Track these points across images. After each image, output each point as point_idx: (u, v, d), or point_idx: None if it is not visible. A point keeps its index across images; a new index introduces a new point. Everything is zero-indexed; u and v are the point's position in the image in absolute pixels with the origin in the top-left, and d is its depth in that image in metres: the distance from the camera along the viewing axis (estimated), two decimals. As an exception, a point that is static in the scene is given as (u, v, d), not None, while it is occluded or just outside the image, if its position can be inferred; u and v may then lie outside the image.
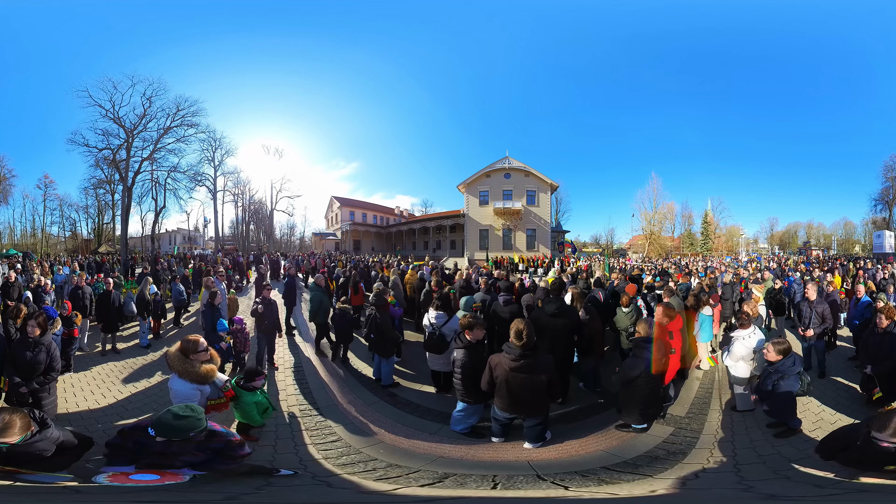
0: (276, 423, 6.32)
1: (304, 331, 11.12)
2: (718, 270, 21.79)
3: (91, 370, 8.46)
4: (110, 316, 9.46)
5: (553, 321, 6.48)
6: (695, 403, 6.69)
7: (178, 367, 4.77)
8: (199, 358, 4.88)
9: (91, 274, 20.02)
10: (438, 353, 7.06)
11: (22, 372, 5.52)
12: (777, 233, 55.03)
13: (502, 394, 5.21)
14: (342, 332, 8.87)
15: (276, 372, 8.46)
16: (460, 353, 5.77)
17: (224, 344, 7.64)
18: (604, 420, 6.17)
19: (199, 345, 4.91)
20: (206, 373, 4.87)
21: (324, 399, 7.31)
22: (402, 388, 7.87)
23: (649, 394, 5.55)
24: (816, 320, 7.51)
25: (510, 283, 10.46)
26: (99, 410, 6.72)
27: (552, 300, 6.79)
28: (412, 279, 12.18)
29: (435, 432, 6.13)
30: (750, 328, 6.39)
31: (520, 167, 39.84)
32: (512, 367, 5.02)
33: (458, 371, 5.73)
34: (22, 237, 41.45)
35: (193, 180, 38.99)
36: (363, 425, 6.38)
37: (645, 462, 4.98)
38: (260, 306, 8.62)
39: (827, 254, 42.51)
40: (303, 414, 6.75)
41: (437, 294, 7.58)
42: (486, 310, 8.38)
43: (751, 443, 5.40)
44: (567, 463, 5.01)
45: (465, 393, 5.78)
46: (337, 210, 49.06)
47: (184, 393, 4.67)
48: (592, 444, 5.53)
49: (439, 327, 7.14)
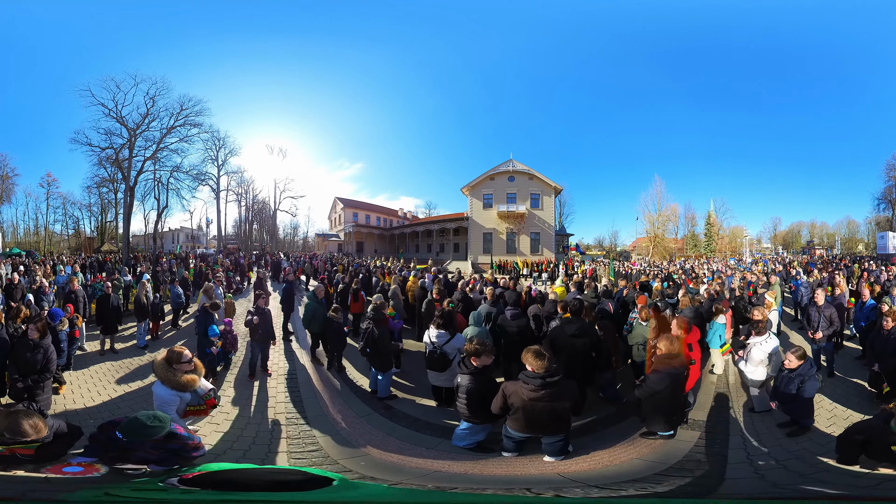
0: (257, 430, 6.37)
1: (301, 336, 10.93)
2: (725, 274, 21.60)
3: (89, 369, 8.69)
4: (109, 318, 9.67)
5: (572, 341, 6.42)
6: (714, 407, 6.88)
7: (161, 375, 5.18)
8: (182, 368, 5.24)
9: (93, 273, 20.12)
10: (440, 371, 6.88)
11: (20, 369, 6.13)
12: (780, 232, 54.50)
13: (518, 418, 5.04)
14: (334, 339, 8.70)
15: (269, 378, 8.35)
16: (465, 378, 5.53)
17: (215, 349, 7.93)
18: (624, 429, 6.13)
19: (182, 356, 5.28)
20: (187, 382, 5.21)
21: (313, 409, 7.16)
22: (400, 401, 7.65)
23: (672, 401, 5.64)
24: (825, 324, 7.86)
25: (517, 294, 10.28)
26: (93, 408, 6.99)
27: (572, 321, 6.64)
28: (413, 287, 11.98)
29: (434, 447, 5.92)
30: (765, 334, 6.65)
31: (524, 170, 39.59)
32: (532, 396, 4.86)
33: (464, 396, 5.51)
34: (25, 235, 41.44)
35: (196, 180, 39.01)
36: (350, 436, 6.21)
37: (694, 465, 5.12)
38: (255, 318, 8.45)
39: (830, 253, 42.36)
40: (288, 422, 6.66)
41: (439, 312, 7.26)
42: (492, 322, 8.23)
43: (776, 441, 5.71)
44: (607, 473, 5.00)
45: (471, 416, 5.58)
46: (340, 211, 48.93)
47: (164, 398, 5.07)
48: (623, 453, 5.50)
49: (440, 346, 6.90)
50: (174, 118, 34.18)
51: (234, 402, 7.45)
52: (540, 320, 8.66)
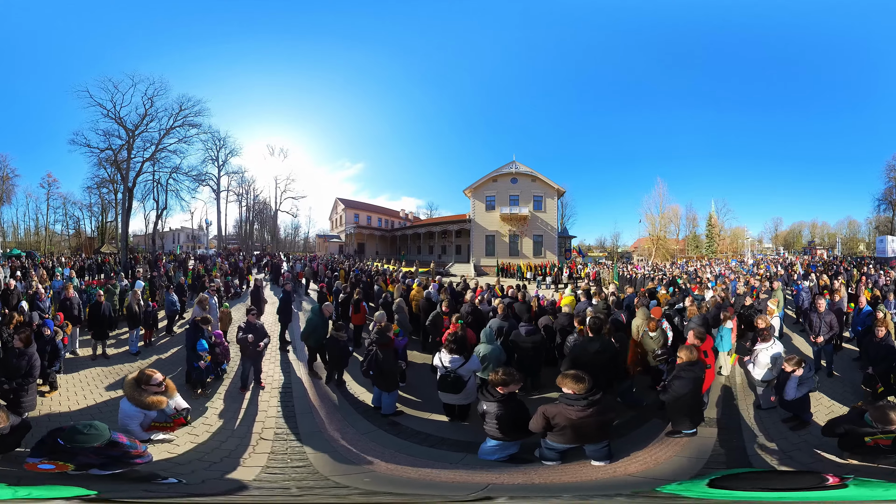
0: (238, 444, 6.22)
1: (298, 347, 10.56)
2: (728, 279, 21.39)
3: (80, 373, 8.86)
4: (100, 325, 9.81)
5: (595, 357, 6.64)
6: (724, 406, 7.42)
7: (127, 392, 5.58)
8: (151, 390, 5.60)
9: (91, 276, 20.03)
10: (454, 393, 6.74)
11: (5, 373, 6.59)
12: (781, 233, 54.13)
13: (565, 434, 5.26)
14: (337, 358, 8.39)
15: (262, 392, 8.10)
16: (493, 406, 5.46)
17: (203, 363, 7.85)
18: (649, 431, 6.46)
19: (152, 379, 5.67)
20: (152, 403, 5.56)
21: (308, 425, 6.92)
22: (408, 418, 7.35)
23: (694, 403, 6.18)
24: (825, 328, 8.57)
25: (528, 306, 10.18)
26: (77, 411, 7.10)
27: (594, 339, 6.84)
28: (418, 296, 11.67)
29: (458, 461, 5.76)
30: (770, 340, 7.30)
31: (527, 172, 39.28)
32: (581, 415, 5.13)
33: (494, 422, 5.46)
34: (25, 236, 41.34)
35: (196, 181, 38.75)
36: (350, 454, 5.98)
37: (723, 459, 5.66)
38: (250, 336, 8.21)
39: (832, 254, 42.15)
40: (276, 437, 6.46)
41: (452, 337, 6.99)
42: (503, 336, 8.10)
43: (781, 433, 6.39)
44: (669, 471, 5.37)
45: (504, 436, 5.55)
46: (341, 212, 48.68)
47: (127, 412, 5.51)
48: (662, 452, 5.86)
49: (455, 370, 6.71)
50: (173, 119, 33.87)
51: (221, 414, 7.24)
52: (552, 332, 8.58)
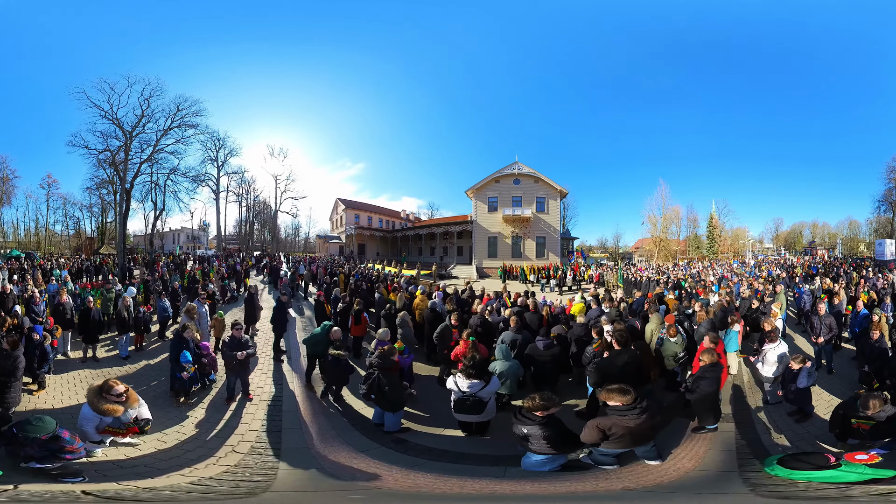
0: (202, 454, 6.14)
1: (294, 357, 10.19)
2: (731, 282, 21.21)
3: (68, 374, 8.99)
4: (90, 330, 10.02)
5: (623, 369, 6.80)
6: (734, 402, 7.94)
7: (89, 398, 6.05)
8: (110, 399, 6.03)
9: (89, 278, 19.91)
10: (475, 414, 6.61)
11: None
12: (782, 233, 54.07)
13: (623, 440, 5.43)
14: (337, 377, 8.04)
15: (249, 404, 7.82)
16: (535, 428, 5.38)
17: (186, 374, 7.83)
18: (675, 429, 6.73)
19: (113, 389, 6.10)
20: (108, 410, 5.96)
21: (294, 440, 6.64)
22: (416, 434, 6.99)
23: (714, 400, 6.76)
24: (825, 330, 9.28)
25: (539, 316, 10.01)
26: (60, 410, 7.34)
27: (622, 353, 7.05)
28: (422, 305, 11.36)
29: (501, 475, 5.55)
30: (777, 341, 7.97)
31: (529, 173, 38.97)
32: (638, 423, 5.33)
33: (543, 442, 5.42)
34: (26, 236, 41.28)
35: (195, 181, 38.51)
36: (340, 471, 5.76)
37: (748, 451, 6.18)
38: (241, 353, 7.93)
39: (832, 254, 42.08)
40: (251, 452, 6.25)
41: (469, 361, 6.74)
42: (518, 349, 8.00)
43: (788, 425, 7.01)
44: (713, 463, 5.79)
45: (555, 452, 5.52)
46: (342, 212, 48.42)
47: (85, 414, 5.97)
48: (699, 447, 6.23)
49: (474, 393, 6.51)
50: (170, 119, 33.56)
51: (199, 424, 7.05)
52: (565, 341, 8.46)
